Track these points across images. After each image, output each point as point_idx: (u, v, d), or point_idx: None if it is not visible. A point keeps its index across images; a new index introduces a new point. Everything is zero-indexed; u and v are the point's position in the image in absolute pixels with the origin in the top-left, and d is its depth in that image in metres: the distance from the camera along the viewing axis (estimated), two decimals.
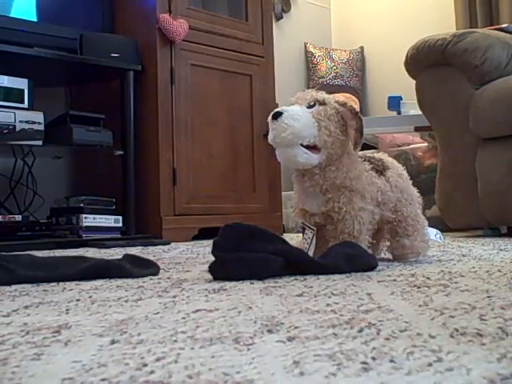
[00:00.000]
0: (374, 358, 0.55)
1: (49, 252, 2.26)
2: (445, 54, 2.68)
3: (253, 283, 1.19)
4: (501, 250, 1.90)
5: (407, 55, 2.82)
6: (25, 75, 2.61)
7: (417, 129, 3.38)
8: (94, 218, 2.73)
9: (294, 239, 1.83)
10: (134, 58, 2.91)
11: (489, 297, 0.96)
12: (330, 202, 1.45)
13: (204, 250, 2.16)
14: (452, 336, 0.64)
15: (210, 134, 3.11)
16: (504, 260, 1.56)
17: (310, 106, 1.44)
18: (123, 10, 3.06)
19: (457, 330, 0.67)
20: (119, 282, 1.30)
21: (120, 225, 2.80)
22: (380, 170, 1.53)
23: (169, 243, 2.65)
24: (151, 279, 1.34)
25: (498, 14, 4.00)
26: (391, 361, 0.54)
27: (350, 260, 1.33)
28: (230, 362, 0.56)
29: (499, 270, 1.32)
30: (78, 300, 1.05)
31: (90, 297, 1.09)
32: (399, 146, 3.56)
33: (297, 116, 1.41)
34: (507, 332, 0.66)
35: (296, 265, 1.28)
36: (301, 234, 1.52)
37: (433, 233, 1.68)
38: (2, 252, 1.67)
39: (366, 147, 3.14)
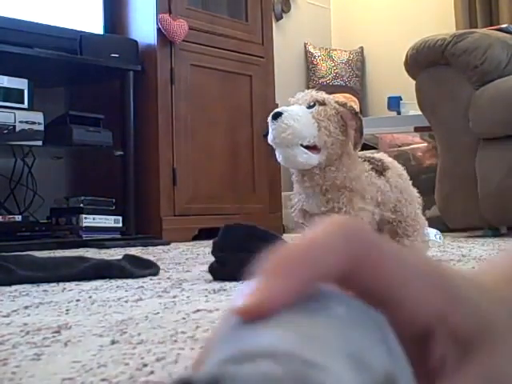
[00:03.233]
0: None
1: (49, 252, 2.26)
2: (445, 54, 2.68)
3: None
4: (501, 250, 1.90)
5: (407, 55, 2.82)
6: (25, 75, 2.61)
7: (417, 129, 3.38)
8: (94, 219, 2.73)
9: (294, 239, 1.83)
10: (134, 58, 2.91)
11: None
12: (329, 203, 1.45)
13: (204, 251, 2.16)
14: None
15: (210, 134, 3.11)
16: None
17: (309, 107, 1.44)
18: (123, 10, 3.06)
19: None
20: (119, 282, 1.30)
21: (120, 225, 2.80)
22: (380, 170, 1.53)
23: (169, 243, 2.64)
24: (151, 279, 1.34)
25: (497, 14, 3.99)
26: None
27: None
28: None
29: None
30: (78, 300, 1.05)
31: (90, 297, 1.09)
32: (399, 147, 3.56)
33: (297, 116, 1.41)
34: None
35: None
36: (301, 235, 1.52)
37: (432, 233, 1.68)
38: (2, 252, 1.67)
39: (365, 147, 3.14)
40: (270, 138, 1.45)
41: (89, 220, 2.71)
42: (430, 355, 0.25)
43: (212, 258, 1.32)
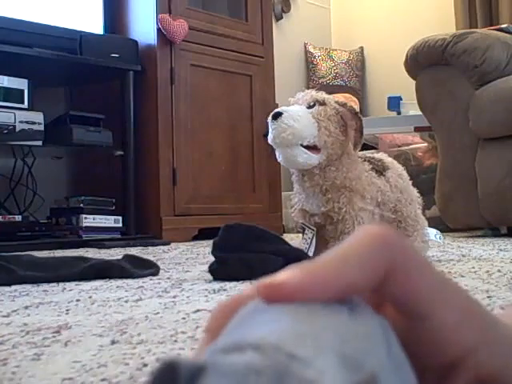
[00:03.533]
0: None
1: (49, 252, 2.26)
2: (445, 54, 2.68)
3: (253, 283, 1.19)
4: (501, 250, 1.90)
5: (407, 55, 2.82)
6: (25, 75, 2.61)
7: (417, 129, 3.38)
8: (94, 219, 2.73)
9: (294, 239, 1.83)
10: (134, 58, 2.91)
11: (489, 297, 0.96)
12: (329, 203, 1.45)
13: (204, 250, 2.16)
14: None
15: (210, 134, 3.11)
16: (504, 260, 1.56)
17: (309, 107, 1.44)
18: (123, 10, 3.06)
19: None
20: (119, 282, 1.30)
21: (120, 225, 2.80)
22: (380, 170, 1.53)
23: (169, 243, 2.65)
24: (151, 279, 1.34)
25: (497, 15, 3.99)
26: None
27: None
28: None
29: (499, 270, 1.32)
30: (78, 300, 1.05)
31: (90, 297, 1.09)
32: (399, 147, 3.56)
33: (297, 116, 1.41)
34: None
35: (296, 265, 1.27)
36: (301, 234, 1.52)
37: (432, 233, 1.68)
38: (2, 252, 1.67)
39: (366, 147, 3.14)
40: (270, 138, 1.45)
41: (89, 220, 2.72)
42: (453, 381, 0.24)
43: (212, 258, 1.32)
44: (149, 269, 1.43)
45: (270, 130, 1.44)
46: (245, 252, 1.27)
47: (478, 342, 0.23)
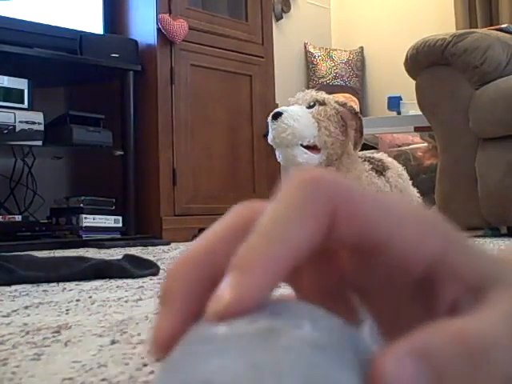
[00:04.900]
0: None
1: (49, 252, 2.26)
2: (445, 54, 2.68)
3: None
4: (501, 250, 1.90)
5: (407, 55, 2.82)
6: (25, 75, 2.61)
7: (417, 129, 3.38)
8: (94, 219, 2.73)
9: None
10: (134, 58, 2.91)
11: None
12: None
13: None
14: None
15: (210, 134, 3.11)
16: None
17: (309, 107, 1.45)
18: (123, 10, 3.06)
19: None
20: (119, 282, 1.30)
21: (120, 225, 2.80)
22: (380, 170, 1.53)
23: (169, 243, 2.64)
24: (151, 279, 1.34)
25: (498, 15, 3.99)
26: None
27: None
28: None
29: None
30: (78, 300, 1.05)
31: (90, 297, 1.09)
32: (399, 146, 3.56)
33: (297, 116, 1.41)
34: None
35: None
36: None
37: None
38: (2, 252, 1.67)
39: (366, 147, 3.13)
40: (269, 137, 1.45)
41: (89, 220, 2.72)
42: (438, 299, 0.22)
43: None
44: (149, 269, 1.43)
45: (270, 129, 1.44)
46: None
47: (445, 245, 0.22)
